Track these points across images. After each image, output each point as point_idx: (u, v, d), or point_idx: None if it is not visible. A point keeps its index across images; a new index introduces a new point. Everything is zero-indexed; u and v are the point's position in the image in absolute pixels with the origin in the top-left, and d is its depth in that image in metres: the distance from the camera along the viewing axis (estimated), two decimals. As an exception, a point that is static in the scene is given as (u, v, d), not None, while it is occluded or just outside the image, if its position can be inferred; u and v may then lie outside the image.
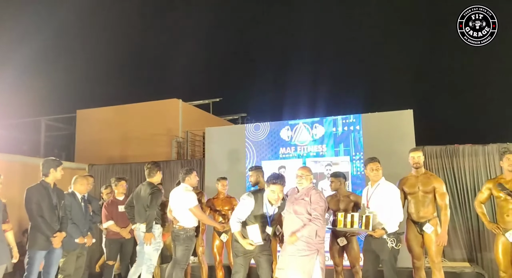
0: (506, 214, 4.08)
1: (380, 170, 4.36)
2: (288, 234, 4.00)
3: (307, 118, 6.85)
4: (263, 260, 4.12)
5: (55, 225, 4.31)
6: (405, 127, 6.25)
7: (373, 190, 4.30)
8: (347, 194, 4.95)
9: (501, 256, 4.13)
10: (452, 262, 6.23)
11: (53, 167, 4.45)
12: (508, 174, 4.17)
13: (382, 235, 4.09)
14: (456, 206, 6.60)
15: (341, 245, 4.87)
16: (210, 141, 7.37)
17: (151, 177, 5.13)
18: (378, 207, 4.21)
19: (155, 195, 4.98)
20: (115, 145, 11.31)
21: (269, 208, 4.07)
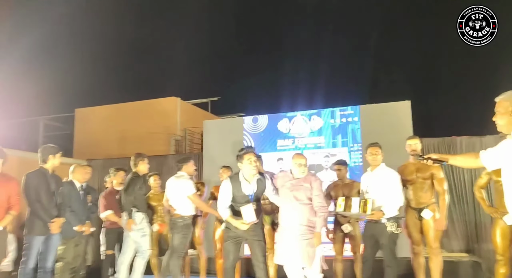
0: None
1: (380, 155, 4.37)
2: (289, 221, 4.01)
3: (305, 110, 6.88)
4: (255, 245, 4.03)
5: (53, 210, 4.32)
6: (403, 119, 6.29)
7: (373, 175, 4.30)
8: (349, 181, 5.00)
9: (498, 239, 4.13)
10: (449, 253, 6.24)
11: (51, 154, 4.47)
12: None
13: (381, 217, 4.09)
14: (453, 198, 6.62)
15: (346, 232, 4.89)
16: (208, 134, 7.39)
17: (136, 166, 5.17)
18: (377, 191, 4.21)
19: (132, 181, 5.02)
20: (114, 143, 11.31)
21: (247, 187, 4.01)
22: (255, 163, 3.97)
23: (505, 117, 2.50)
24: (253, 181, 4.03)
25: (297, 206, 3.97)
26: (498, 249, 4.16)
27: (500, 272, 4.15)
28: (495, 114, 2.57)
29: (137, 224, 5.01)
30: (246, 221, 3.88)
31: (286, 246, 3.96)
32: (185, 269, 5.90)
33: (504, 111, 2.49)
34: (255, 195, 4.03)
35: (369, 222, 4.27)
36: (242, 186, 4.00)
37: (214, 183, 5.80)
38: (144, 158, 5.24)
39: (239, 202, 3.98)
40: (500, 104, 2.54)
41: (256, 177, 4.06)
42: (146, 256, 5.00)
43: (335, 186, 5.05)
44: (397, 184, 4.23)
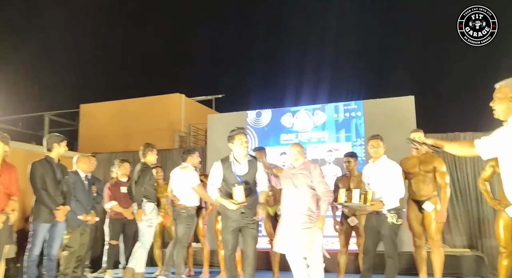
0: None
1: (381, 148, 4.37)
2: (289, 209, 4.04)
3: (309, 105, 6.91)
4: (248, 233, 3.99)
5: (58, 198, 4.36)
6: (406, 114, 6.31)
7: (374, 167, 4.32)
8: (358, 174, 5.01)
9: (501, 231, 4.14)
10: (452, 248, 6.25)
11: (56, 142, 4.52)
12: None
13: (381, 208, 4.08)
14: (456, 194, 6.64)
15: (352, 225, 4.91)
16: (212, 128, 7.42)
17: (144, 156, 5.21)
18: (378, 183, 4.21)
19: (143, 172, 5.05)
20: (118, 139, 11.37)
21: (238, 168, 4.01)
22: (246, 144, 3.99)
23: (503, 103, 2.46)
24: (244, 162, 4.04)
25: (297, 194, 3.99)
26: (501, 241, 4.17)
27: (503, 264, 4.17)
28: (493, 100, 2.56)
29: (146, 214, 5.03)
30: (236, 201, 3.85)
31: (286, 234, 3.97)
32: (189, 261, 5.95)
33: (503, 97, 2.47)
34: (246, 176, 4.01)
35: (370, 213, 4.27)
36: (233, 167, 4.00)
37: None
38: (153, 148, 5.29)
39: (231, 183, 3.97)
40: (499, 90, 2.52)
41: (248, 158, 4.06)
42: (147, 246, 5.03)
43: (344, 178, 5.08)
44: (397, 176, 4.23)
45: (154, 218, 5.08)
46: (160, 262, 6.11)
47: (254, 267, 4.01)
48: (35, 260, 4.24)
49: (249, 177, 4.04)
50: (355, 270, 5.55)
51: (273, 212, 5.18)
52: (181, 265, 5.03)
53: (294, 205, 3.97)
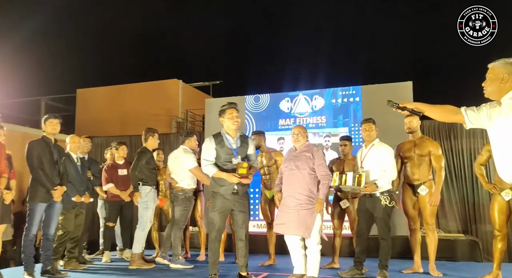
0: (504, 174, 4.14)
1: (373, 131, 4.36)
2: (290, 190, 4.05)
3: (307, 90, 6.91)
4: (239, 217, 3.99)
5: (55, 179, 4.34)
6: (404, 99, 6.27)
7: (367, 150, 4.32)
8: (353, 157, 5.04)
9: (496, 215, 4.19)
10: (447, 233, 6.31)
11: (47, 119, 4.47)
12: None
13: (374, 190, 4.11)
14: (452, 180, 6.69)
15: (344, 207, 4.97)
16: (209, 112, 7.42)
17: (145, 141, 5.27)
18: (371, 166, 4.23)
19: (139, 156, 5.10)
20: (115, 124, 11.35)
21: (231, 142, 4.03)
22: (236, 118, 4.01)
23: (495, 84, 2.45)
24: (236, 137, 4.07)
25: (298, 175, 4.01)
26: (495, 224, 4.22)
27: (497, 247, 4.22)
28: (485, 80, 2.55)
29: (142, 197, 5.06)
30: (238, 175, 3.85)
31: (285, 215, 4.00)
32: (185, 243, 5.99)
33: (495, 78, 2.45)
34: (238, 150, 4.02)
35: (363, 196, 4.30)
36: (225, 141, 4.01)
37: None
38: (154, 133, 5.31)
39: (224, 159, 3.98)
40: (492, 70, 2.51)
41: (239, 133, 4.09)
42: (145, 227, 5.06)
43: (338, 161, 5.12)
44: (389, 159, 4.23)
45: (150, 201, 5.09)
46: (157, 244, 6.15)
47: (247, 251, 4.02)
48: (33, 240, 4.26)
49: (241, 153, 4.04)
50: (350, 254, 5.60)
51: (271, 195, 5.20)
52: (178, 247, 5.07)
53: (295, 186, 4.00)
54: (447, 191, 6.52)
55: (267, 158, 5.21)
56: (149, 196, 5.09)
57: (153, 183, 5.18)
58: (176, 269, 4.92)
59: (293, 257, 4.09)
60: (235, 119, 4.00)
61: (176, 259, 5.02)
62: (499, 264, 4.22)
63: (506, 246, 4.31)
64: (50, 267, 4.38)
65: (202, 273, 4.59)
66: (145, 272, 4.74)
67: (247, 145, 4.10)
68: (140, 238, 5.02)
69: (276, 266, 5.16)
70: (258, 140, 5.25)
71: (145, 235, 5.08)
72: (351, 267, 4.37)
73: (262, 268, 5.05)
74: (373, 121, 4.43)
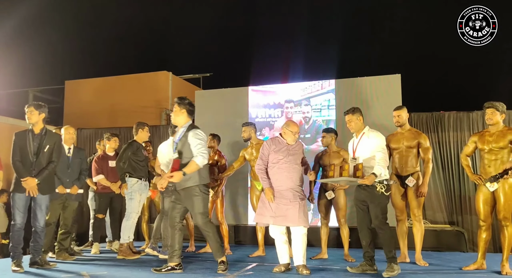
0: (488, 165, 4.21)
1: (354, 121, 4.20)
2: (286, 183, 4.11)
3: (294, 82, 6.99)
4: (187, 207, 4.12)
5: (28, 170, 4.25)
6: (392, 92, 6.37)
7: (358, 140, 4.23)
8: (337, 150, 5.10)
9: (481, 205, 4.25)
10: (434, 224, 6.41)
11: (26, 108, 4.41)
12: (491, 127, 4.29)
13: (373, 180, 3.90)
14: (439, 171, 6.77)
15: (329, 198, 5.02)
16: (199, 104, 7.42)
17: (135, 134, 5.32)
18: (364, 155, 4.12)
19: (125, 147, 5.17)
20: (104, 116, 11.27)
21: (176, 136, 4.19)
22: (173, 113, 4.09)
23: None
24: (180, 132, 4.12)
25: (296, 167, 4.14)
26: (480, 215, 4.29)
27: (482, 237, 4.31)
28: None
29: (128, 188, 5.08)
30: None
31: (285, 207, 4.05)
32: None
33: None
34: (177, 146, 4.05)
35: (359, 186, 4.13)
36: (171, 139, 4.10)
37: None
38: (144, 126, 5.36)
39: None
40: None
41: (183, 128, 4.10)
42: (129, 218, 5.10)
43: (323, 154, 5.15)
44: (379, 144, 4.05)
45: (134, 192, 5.13)
46: (147, 236, 6.16)
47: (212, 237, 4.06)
48: (19, 230, 4.22)
49: (181, 147, 4.08)
50: (338, 245, 5.67)
51: (261, 187, 5.23)
52: (168, 238, 5.07)
53: (294, 179, 4.12)
54: (434, 182, 6.60)
55: (257, 149, 5.23)
56: (134, 188, 5.12)
57: (140, 175, 5.19)
58: (165, 260, 4.93)
59: (278, 247, 4.16)
60: (173, 115, 4.11)
61: (165, 250, 5.04)
62: (483, 254, 4.32)
63: (491, 236, 4.40)
64: (39, 258, 4.37)
65: (191, 264, 4.62)
66: (134, 263, 4.75)
67: (185, 137, 4.05)
68: (125, 228, 5.08)
69: (266, 256, 5.20)
70: (248, 131, 5.29)
71: (130, 225, 5.10)
72: (361, 262, 4.11)
73: (251, 258, 5.09)
74: (352, 111, 4.24)
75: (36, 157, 4.30)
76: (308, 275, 3.92)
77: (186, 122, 4.12)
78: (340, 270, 4.25)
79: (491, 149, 4.18)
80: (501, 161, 4.13)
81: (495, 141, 4.17)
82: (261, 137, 6.69)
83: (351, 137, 4.35)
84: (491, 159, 4.20)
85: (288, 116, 6.83)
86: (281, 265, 4.12)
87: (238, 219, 6.89)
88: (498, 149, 4.14)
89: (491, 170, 4.18)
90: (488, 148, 4.20)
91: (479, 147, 4.33)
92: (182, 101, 4.14)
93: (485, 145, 4.23)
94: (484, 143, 4.25)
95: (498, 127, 4.23)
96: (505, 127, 4.24)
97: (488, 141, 4.22)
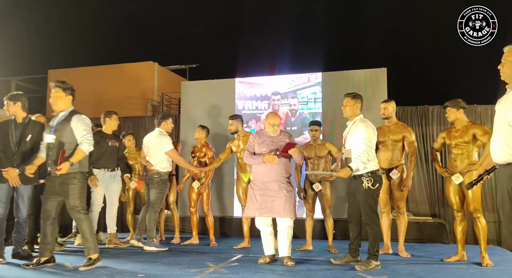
0: (454, 159, 4.37)
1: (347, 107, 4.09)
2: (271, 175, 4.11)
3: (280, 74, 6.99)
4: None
5: (10, 160, 4.18)
6: (378, 85, 6.42)
7: (349, 129, 4.15)
8: (322, 142, 5.14)
9: (452, 196, 4.39)
10: (416, 216, 6.51)
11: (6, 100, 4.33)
12: (456, 123, 4.42)
13: (349, 174, 3.88)
14: (423, 164, 6.85)
15: (317, 190, 5.05)
16: (185, 95, 7.38)
17: (103, 124, 5.35)
18: (352, 145, 4.03)
19: None
20: (88, 106, 11.06)
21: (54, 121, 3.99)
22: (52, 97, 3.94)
23: None
24: (60, 116, 3.98)
25: (281, 159, 4.11)
26: (453, 206, 4.41)
27: (459, 229, 4.42)
28: (501, 63, 2.62)
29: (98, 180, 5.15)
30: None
31: (271, 199, 4.06)
32: (160, 226, 5.99)
33: None
34: (56, 130, 3.90)
35: (349, 178, 4.06)
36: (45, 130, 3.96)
37: (191, 142, 5.85)
38: (111, 115, 5.30)
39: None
40: (510, 53, 2.59)
41: (64, 112, 3.96)
42: (93, 209, 5.14)
43: (308, 146, 5.18)
44: (362, 135, 3.93)
45: (100, 185, 5.15)
46: (132, 227, 6.12)
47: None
48: (1, 221, 4.15)
49: (60, 131, 3.92)
50: (323, 237, 5.71)
51: (247, 179, 5.24)
52: (153, 229, 5.07)
53: (279, 170, 4.10)
54: (418, 175, 6.69)
55: (244, 142, 5.23)
56: (103, 180, 5.15)
57: (105, 166, 5.15)
58: (150, 252, 4.92)
59: (263, 238, 4.18)
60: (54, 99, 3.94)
61: (150, 241, 5.03)
62: (463, 245, 4.42)
63: (467, 227, 4.50)
64: (21, 249, 4.31)
65: (176, 256, 4.61)
66: (117, 254, 4.73)
67: (68, 123, 3.88)
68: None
69: (251, 248, 5.23)
70: (235, 124, 5.28)
71: (92, 217, 5.05)
72: (345, 254, 4.16)
73: (237, 250, 5.11)
74: (353, 96, 4.12)
75: (18, 147, 4.23)
76: (292, 266, 3.96)
77: (68, 107, 3.99)
78: (324, 262, 4.30)
79: (457, 143, 4.35)
80: (466, 155, 4.30)
81: (460, 136, 4.33)
82: (248, 129, 6.68)
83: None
84: (457, 153, 4.36)
85: (275, 108, 6.84)
86: (266, 256, 4.15)
87: (224, 211, 6.90)
88: (463, 144, 4.30)
89: (457, 163, 4.34)
90: (454, 142, 4.37)
91: (447, 142, 4.48)
92: (66, 85, 3.99)
93: (452, 140, 4.40)
94: (451, 138, 4.41)
95: (463, 123, 4.38)
96: (469, 123, 4.41)
97: (454, 136, 4.38)
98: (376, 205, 4.04)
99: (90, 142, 3.82)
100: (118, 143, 5.37)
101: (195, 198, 5.64)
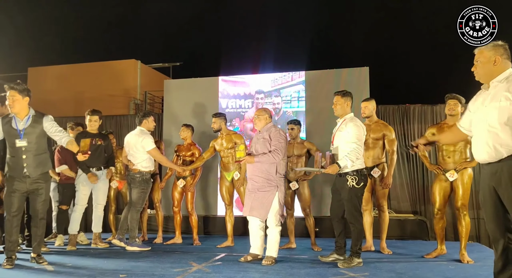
0: (447, 156, 4.36)
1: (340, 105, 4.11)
2: (251, 173, 4.14)
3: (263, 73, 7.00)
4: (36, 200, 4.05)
5: None
6: (361, 84, 6.47)
7: (338, 126, 4.15)
8: (301, 141, 5.15)
9: (437, 194, 4.41)
10: (398, 213, 6.59)
11: None
12: (450, 119, 4.41)
13: (336, 170, 3.89)
14: (404, 162, 6.94)
15: (293, 189, 5.07)
16: (168, 94, 7.32)
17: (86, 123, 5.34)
18: (337, 143, 4.07)
19: None
20: (69, 104, 10.95)
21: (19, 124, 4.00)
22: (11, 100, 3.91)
23: (487, 67, 2.57)
24: (26, 117, 4.01)
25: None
26: (436, 203, 4.44)
27: (439, 226, 4.50)
28: (474, 65, 2.66)
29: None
30: None
31: (247, 198, 4.11)
32: (143, 226, 5.93)
33: (486, 61, 2.57)
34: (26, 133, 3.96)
35: (336, 176, 4.06)
36: (12, 123, 3.96)
37: (175, 141, 5.80)
38: (93, 114, 5.23)
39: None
40: (481, 54, 2.62)
41: (31, 113, 4.03)
42: (75, 210, 5.17)
43: (288, 145, 5.13)
44: (351, 134, 3.95)
45: (78, 183, 5.17)
46: (114, 227, 6.05)
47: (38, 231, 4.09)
48: None
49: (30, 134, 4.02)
50: (306, 235, 5.73)
51: (230, 177, 5.23)
52: (135, 230, 5.02)
53: (254, 169, 4.10)
54: (399, 173, 6.78)
55: (227, 140, 5.23)
56: (80, 179, 5.14)
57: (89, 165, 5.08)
58: (132, 252, 4.87)
59: (252, 237, 4.17)
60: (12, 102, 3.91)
61: (132, 241, 4.98)
62: (442, 240, 4.51)
63: (445, 223, 4.57)
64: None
65: (159, 256, 4.58)
66: (99, 254, 4.67)
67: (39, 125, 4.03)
68: (72, 220, 5.16)
69: (234, 247, 5.22)
70: (218, 122, 5.26)
71: (76, 217, 5.13)
72: (332, 252, 4.18)
73: (220, 249, 5.09)
74: (343, 94, 4.14)
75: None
76: (269, 265, 3.93)
77: (29, 111, 4.03)
78: (307, 260, 4.32)
79: None
80: (459, 151, 4.32)
81: None
82: (232, 128, 6.67)
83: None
84: (450, 150, 4.36)
85: (258, 107, 6.83)
86: (248, 254, 4.15)
87: (207, 210, 6.87)
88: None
89: (450, 160, 4.35)
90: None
91: (436, 138, 4.46)
92: (21, 87, 3.98)
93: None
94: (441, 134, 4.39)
95: (456, 119, 4.38)
96: None
97: None
98: (360, 204, 4.06)
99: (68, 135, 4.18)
100: (103, 142, 5.29)
101: (179, 198, 5.59)
